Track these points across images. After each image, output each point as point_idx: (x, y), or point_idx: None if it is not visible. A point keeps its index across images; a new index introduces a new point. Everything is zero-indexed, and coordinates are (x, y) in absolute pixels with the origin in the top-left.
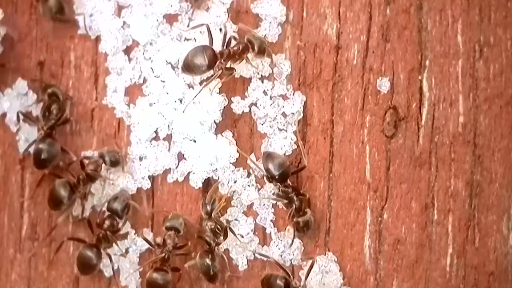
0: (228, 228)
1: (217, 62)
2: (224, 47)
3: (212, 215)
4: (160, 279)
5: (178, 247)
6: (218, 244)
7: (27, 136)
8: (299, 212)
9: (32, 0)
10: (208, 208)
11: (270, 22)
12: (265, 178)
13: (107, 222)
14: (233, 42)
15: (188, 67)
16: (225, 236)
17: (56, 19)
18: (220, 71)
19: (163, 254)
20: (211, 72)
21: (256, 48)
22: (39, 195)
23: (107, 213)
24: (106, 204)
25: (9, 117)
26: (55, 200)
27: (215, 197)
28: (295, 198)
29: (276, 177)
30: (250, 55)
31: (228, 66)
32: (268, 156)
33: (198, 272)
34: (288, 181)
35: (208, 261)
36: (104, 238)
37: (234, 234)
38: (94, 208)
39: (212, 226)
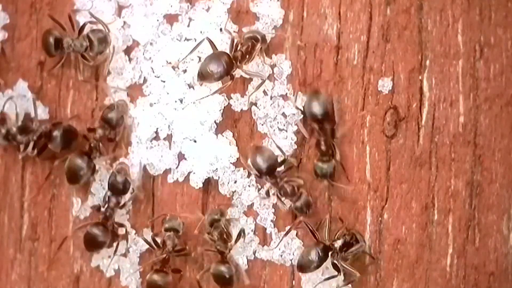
0: (242, 231)
1: (234, 67)
2: (233, 51)
3: (221, 222)
4: (160, 281)
5: (177, 250)
6: (230, 249)
7: None
8: (293, 196)
9: (32, 0)
10: (216, 217)
11: (266, 23)
12: (253, 175)
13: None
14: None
15: (206, 74)
16: (238, 239)
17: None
18: (231, 80)
19: (163, 256)
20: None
21: (260, 39)
22: (39, 195)
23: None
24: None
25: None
26: (74, 173)
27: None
28: (285, 185)
29: (264, 170)
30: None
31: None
32: (257, 149)
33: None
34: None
35: (223, 268)
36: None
37: (242, 235)
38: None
39: (220, 235)
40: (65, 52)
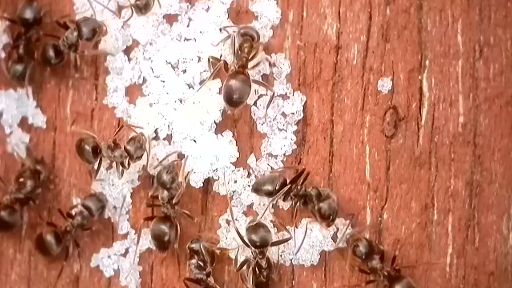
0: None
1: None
2: (236, 55)
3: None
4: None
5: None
6: (208, 274)
7: (17, 141)
8: (319, 198)
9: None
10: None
11: (263, 23)
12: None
13: None
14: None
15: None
16: (212, 263)
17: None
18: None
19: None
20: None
21: (255, 36)
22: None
23: None
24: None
25: (4, 117)
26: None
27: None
28: (308, 189)
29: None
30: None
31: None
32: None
33: None
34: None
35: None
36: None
37: (223, 249)
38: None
39: (197, 261)
40: (65, 55)
